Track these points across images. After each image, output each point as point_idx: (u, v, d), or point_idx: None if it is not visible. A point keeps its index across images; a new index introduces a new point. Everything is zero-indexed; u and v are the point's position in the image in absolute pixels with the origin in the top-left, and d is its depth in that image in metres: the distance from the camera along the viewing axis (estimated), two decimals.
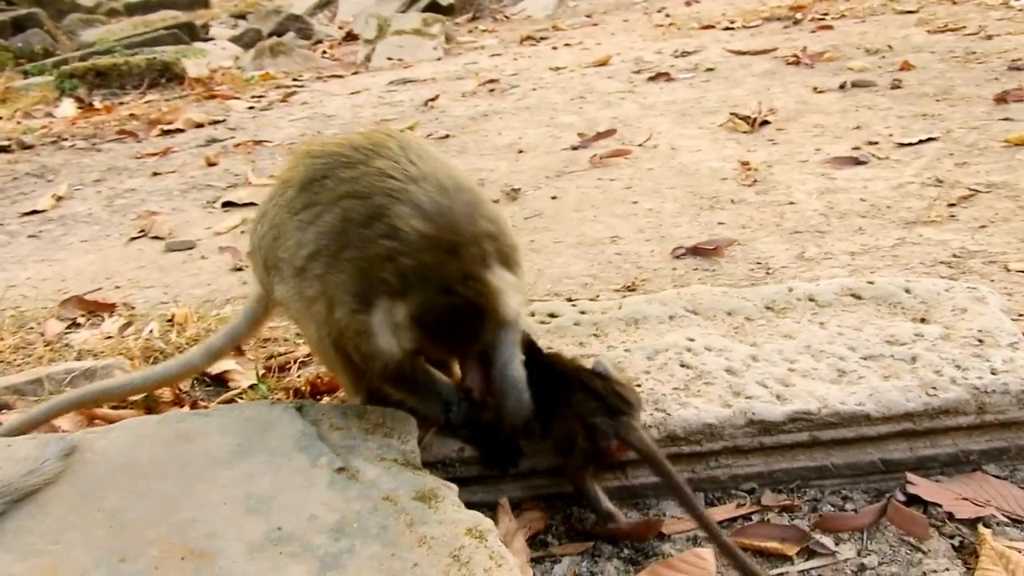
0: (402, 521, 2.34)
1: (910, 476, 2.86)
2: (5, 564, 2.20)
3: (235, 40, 17.13)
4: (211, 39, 17.68)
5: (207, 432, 2.71)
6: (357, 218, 2.55)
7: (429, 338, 2.55)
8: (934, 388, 2.90)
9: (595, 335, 3.37)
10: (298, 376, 3.88)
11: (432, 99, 9.82)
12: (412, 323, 2.48)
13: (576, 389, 2.76)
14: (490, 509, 2.90)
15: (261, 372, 3.97)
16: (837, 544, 2.68)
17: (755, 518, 2.84)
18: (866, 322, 3.28)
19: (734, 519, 2.83)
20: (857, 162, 5.99)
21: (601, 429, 2.64)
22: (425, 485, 2.52)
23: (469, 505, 2.63)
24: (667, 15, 14.01)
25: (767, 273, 4.53)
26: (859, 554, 2.64)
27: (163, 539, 2.27)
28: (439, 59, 13.19)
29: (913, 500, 2.80)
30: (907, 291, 3.43)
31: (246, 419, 2.77)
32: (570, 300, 4.01)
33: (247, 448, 2.62)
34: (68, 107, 11.10)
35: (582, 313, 3.52)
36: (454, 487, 2.58)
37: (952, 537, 2.66)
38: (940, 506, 2.76)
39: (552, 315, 3.48)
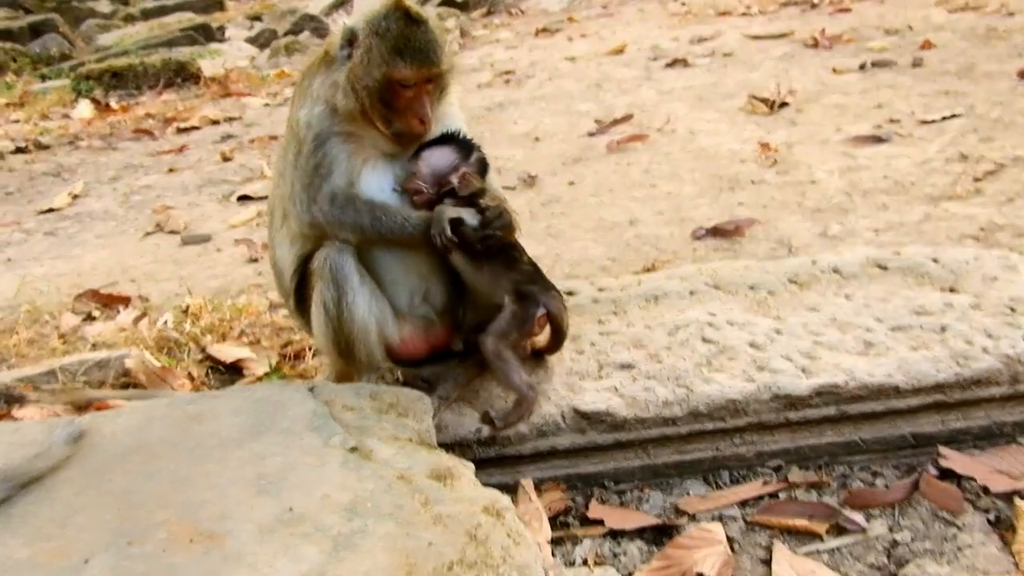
0: (416, 500, 2.27)
1: (942, 449, 2.77)
2: (12, 548, 2.14)
3: (251, 40, 17.10)
4: (227, 40, 17.66)
5: (217, 413, 2.64)
6: None
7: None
8: (965, 358, 2.81)
9: (614, 312, 3.29)
10: (313, 363, 3.82)
11: None
12: None
13: (519, 259, 2.98)
14: (508, 491, 2.84)
15: (276, 360, 3.91)
16: (868, 520, 2.59)
17: (782, 495, 2.75)
18: (893, 293, 3.19)
19: (760, 497, 2.74)
20: (879, 140, 5.87)
21: (532, 296, 2.87)
22: (440, 464, 2.44)
23: (487, 486, 2.56)
24: (683, 3, 13.85)
25: (789, 251, 4.44)
26: (891, 530, 2.55)
27: (172, 521, 2.21)
28: (455, 53, 13.11)
29: (946, 474, 2.71)
30: (935, 260, 3.33)
31: (257, 400, 2.70)
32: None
33: (258, 428, 2.55)
34: (85, 108, 11.08)
35: (600, 291, 3.44)
36: (471, 465, 2.51)
37: (987, 511, 2.57)
38: (974, 479, 2.67)
39: (570, 293, 3.40)
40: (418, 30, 2.84)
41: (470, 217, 2.89)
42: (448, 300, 3.10)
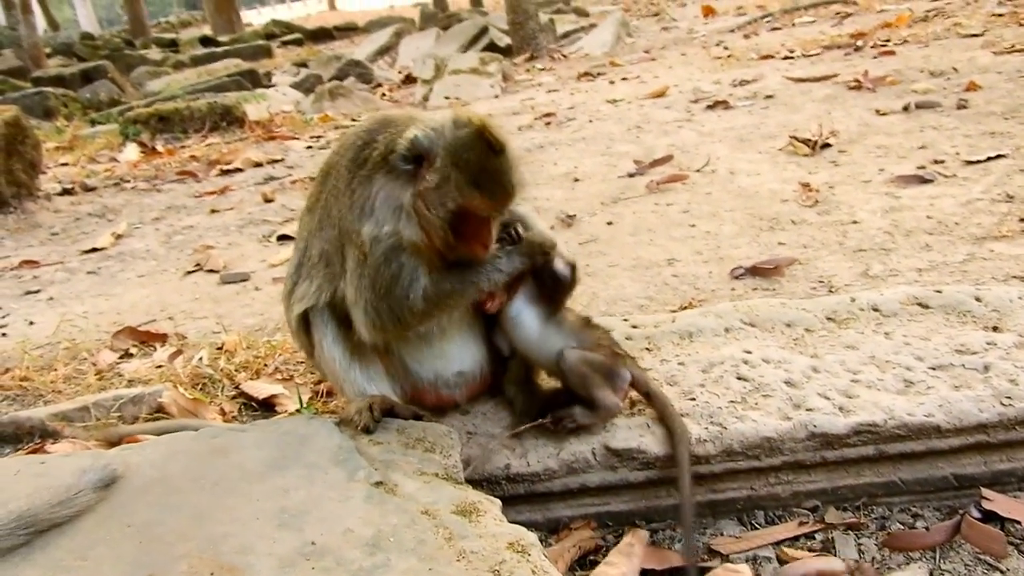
0: (440, 535, 2.23)
1: (985, 491, 2.68)
2: None
3: (296, 86, 17.34)
4: (273, 85, 17.93)
5: (242, 446, 2.62)
6: None
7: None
8: (1009, 397, 2.72)
9: (647, 349, 3.24)
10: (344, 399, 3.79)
11: None
12: None
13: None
14: (537, 528, 2.79)
15: (308, 397, 3.89)
16: (908, 564, 2.51)
17: (819, 537, 2.67)
18: (934, 331, 3.11)
19: (796, 538, 2.67)
20: (923, 180, 5.78)
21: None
22: (466, 499, 2.40)
23: (516, 524, 2.51)
24: (725, 47, 13.88)
25: (830, 291, 4.35)
26: (931, 574, 2.47)
27: (193, 554, 2.18)
28: (496, 96, 13.19)
29: (989, 517, 2.62)
30: (977, 299, 3.25)
31: (282, 433, 2.68)
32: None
33: (282, 462, 2.53)
34: (131, 151, 11.28)
35: (634, 327, 3.39)
36: (497, 501, 2.47)
37: None
38: (1019, 523, 2.58)
39: None
40: (499, 161, 2.65)
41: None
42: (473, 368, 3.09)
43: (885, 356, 3.00)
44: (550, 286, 2.91)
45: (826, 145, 6.97)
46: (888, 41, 11.40)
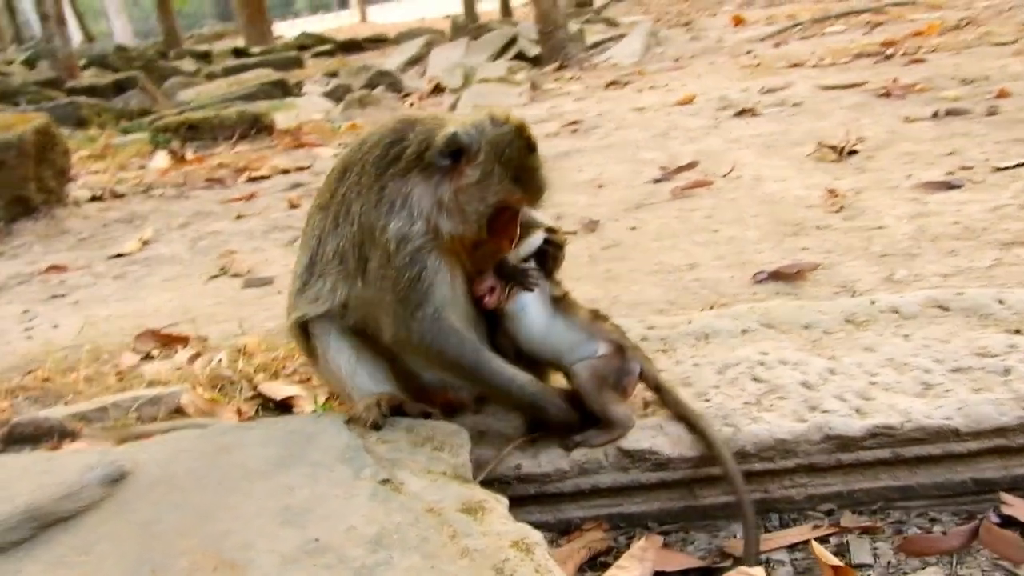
0: (444, 533, 2.21)
1: (1004, 496, 2.62)
2: (32, 575, 2.12)
3: (326, 95, 17.41)
4: (303, 95, 18.02)
5: (247, 444, 2.62)
6: None
7: None
8: None
9: (662, 350, 3.21)
10: None
11: None
12: None
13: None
14: (548, 529, 2.77)
15: (324, 398, 3.89)
16: (924, 568, 2.46)
17: (833, 541, 2.63)
18: (954, 334, 3.06)
19: (809, 542, 2.62)
20: (951, 186, 5.71)
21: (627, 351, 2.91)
22: (472, 497, 2.38)
23: (527, 524, 2.49)
24: (754, 56, 13.81)
25: (852, 295, 4.30)
26: None
27: (195, 550, 2.17)
28: (524, 105, 13.18)
29: (1008, 522, 2.56)
30: (1000, 302, 3.20)
31: (289, 431, 2.68)
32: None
33: (287, 460, 2.52)
34: (161, 159, 11.36)
35: (650, 329, 3.37)
36: (504, 500, 2.44)
37: None
38: None
39: None
40: (536, 159, 2.77)
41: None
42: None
43: (903, 358, 2.95)
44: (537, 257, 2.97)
45: (853, 152, 6.90)
46: (919, 49, 11.29)
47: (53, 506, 2.30)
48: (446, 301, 2.78)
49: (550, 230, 3.02)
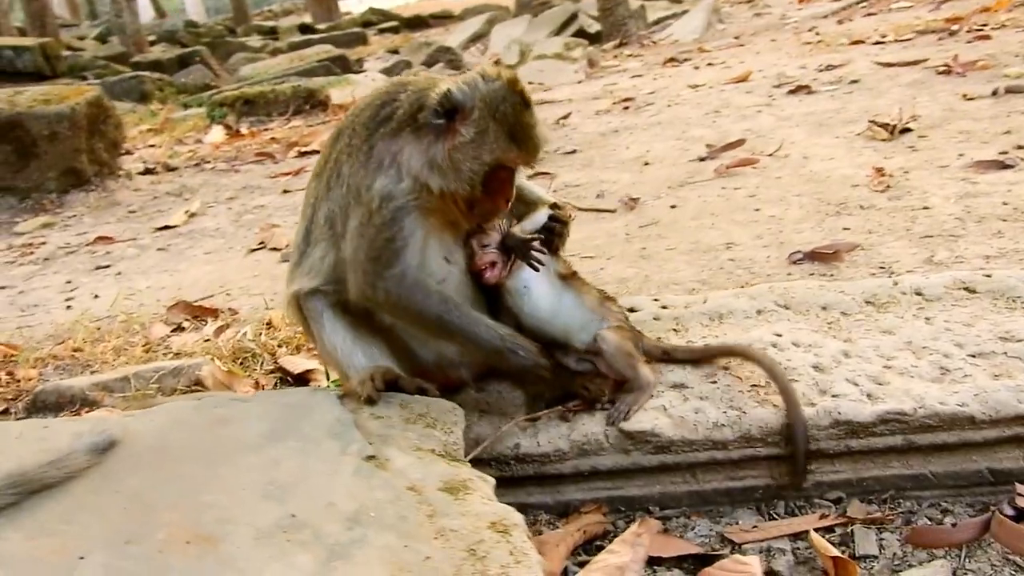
0: (422, 512, 2.16)
1: (1020, 487, 2.50)
2: (13, 542, 2.12)
3: (386, 71, 17.43)
4: (364, 71, 18.07)
5: (243, 417, 2.60)
6: None
7: None
8: None
9: (674, 330, 3.13)
10: None
11: (564, 117, 9.68)
12: None
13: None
14: (547, 511, 2.72)
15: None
16: (930, 561, 2.35)
17: (838, 531, 2.53)
18: (979, 317, 2.93)
19: (815, 531, 2.52)
20: (1003, 166, 5.50)
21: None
22: (457, 476, 2.33)
23: (525, 506, 2.44)
24: (816, 32, 13.50)
25: (889, 277, 4.16)
26: (954, 573, 2.31)
27: (174, 523, 2.15)
28: (579, 82, 13.05)
29: (1022, 515, 2.44)
30: None
31: (285, 405, 2.65)
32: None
33: (280, 434, 2.50)
34: (216, 133, 11.48)
35: (663, 308, 3.28)
36: (491, 480, 2.39)
37: None
38: None
39: (632, 309, 3.25)
40: (531, 115, 2.70)
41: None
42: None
43: (923, 342, 2.83)
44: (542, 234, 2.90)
45: (906, 130, 6.69)
46: (985, 26, 10.93)
47: (37, 473, 2.28)
48: (417, 263, 2.73)
49: (555, 206, 2.95)
